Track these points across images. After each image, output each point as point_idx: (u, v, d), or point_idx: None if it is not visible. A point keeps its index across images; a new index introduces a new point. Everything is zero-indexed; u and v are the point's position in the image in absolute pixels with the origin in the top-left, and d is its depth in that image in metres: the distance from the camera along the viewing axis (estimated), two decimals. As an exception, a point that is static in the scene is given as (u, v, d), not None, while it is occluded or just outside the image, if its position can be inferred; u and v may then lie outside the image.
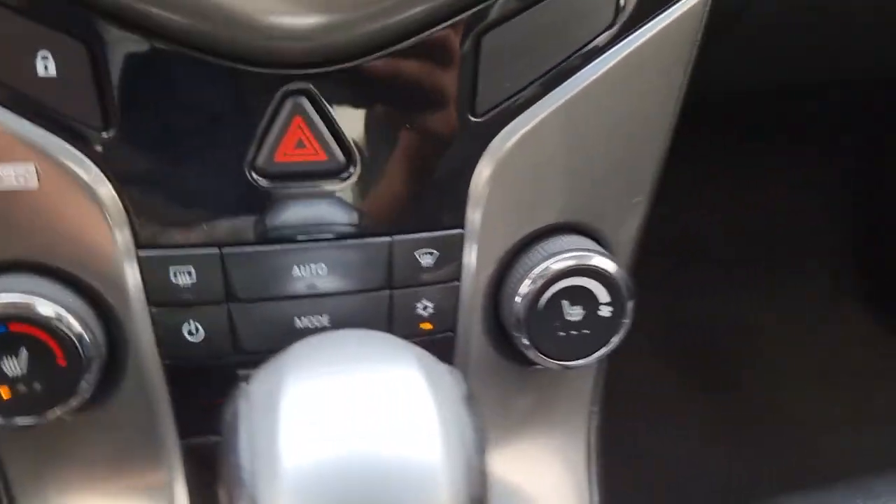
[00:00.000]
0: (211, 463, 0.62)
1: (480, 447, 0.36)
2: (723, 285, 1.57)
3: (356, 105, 0.50)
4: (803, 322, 1.58)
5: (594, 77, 0.54)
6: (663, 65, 0.56)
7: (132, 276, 0.51)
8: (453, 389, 0.38)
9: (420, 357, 0.38)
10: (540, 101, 0.54)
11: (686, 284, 1.53)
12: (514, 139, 0.54)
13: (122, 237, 0.50)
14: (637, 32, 0.54)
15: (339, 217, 0.53)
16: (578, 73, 0.54)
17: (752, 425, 1.47)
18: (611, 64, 0.54)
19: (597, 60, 0.54)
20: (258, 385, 0.36)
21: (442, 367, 0.39)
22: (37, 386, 0.49)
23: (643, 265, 0.63)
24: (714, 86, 0.72)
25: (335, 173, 0.51)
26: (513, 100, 0.53)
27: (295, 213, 0.52)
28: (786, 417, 1.49)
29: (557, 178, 0.56)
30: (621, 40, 0.54)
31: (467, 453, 0.35)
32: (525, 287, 0.56)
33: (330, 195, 0.52)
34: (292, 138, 0.50)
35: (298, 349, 0.38)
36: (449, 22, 0.50)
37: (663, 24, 0.55)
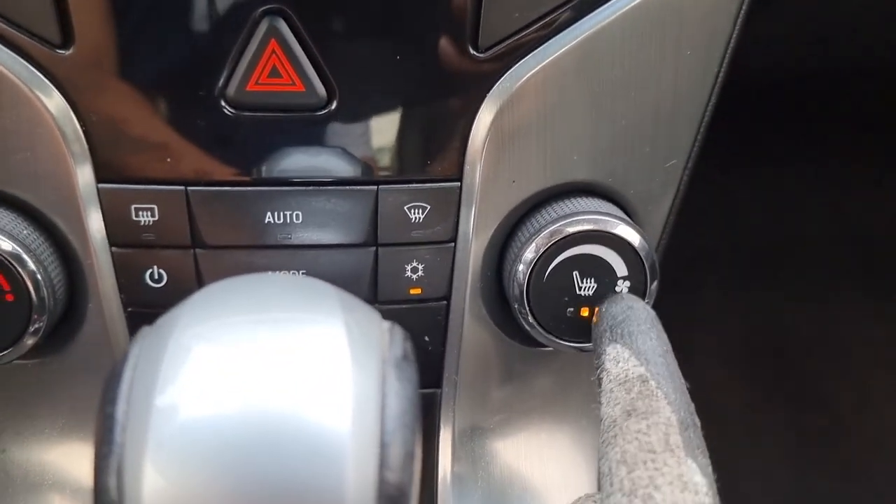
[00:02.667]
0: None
1: (407, 421, 0.29)
2: (814, 292, 1.44)
3: (340, 30, 0.45)
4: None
5: (621, 12, 0.47)
6: (707, 8, 0.48)
7: (92, 212, 0.47)
8: (385, 349, 0.31)
9: (347, 308, 0.32)
10: (556, 38, 0.47)
11: (770, 285, 1.41)
12: (522, 80, 0.47)
13: (83, 169, 0.46)
14: None
15: (318, 159, 0.47)
16: (602, 7, 0.47)
17: (831, 447, 1.34)
18: None
19: None
20: (153, 331, 0.31)
21: (375, 323, 0.33)
22: (-16, 322, 0.46)
23: (728, 260, 0.55)
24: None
25: (313, 107, 0.46)
26: (523, 34, 0.46)
27: (269, 152, 0.47)
28: (871, 441, 1.35)
29: (573, 129, 0.49)
30: None
31: (385, 426, 0.28)
32: (530, 252, 0.49)
33: (308, 133, 0.46)
34: (266, 65, 0.45)
35: (211, 290, 0.33)
36: None
37: None
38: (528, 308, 0.49)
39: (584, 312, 0.49)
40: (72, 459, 0.54)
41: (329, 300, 0.32)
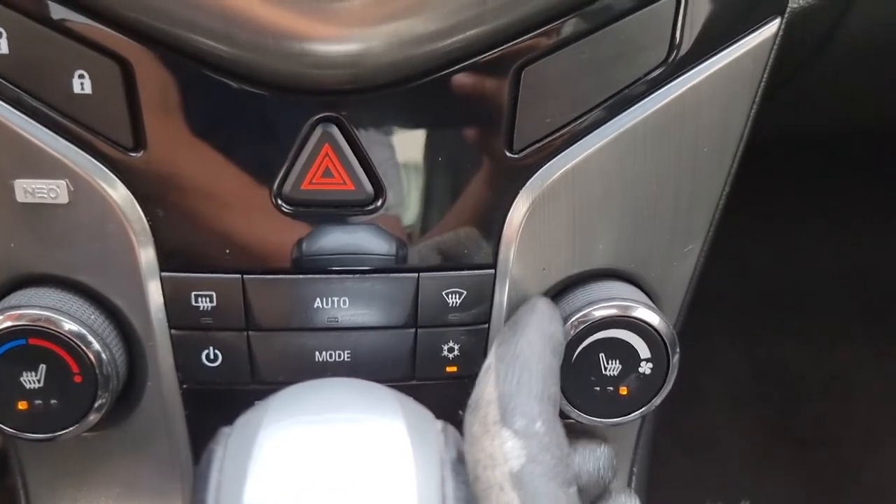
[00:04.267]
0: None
1: None
2: (819, 334, 1.47)
3: (387, 135, 0.49)
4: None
5: (644, 115, 0.51)
6: (723, 106, 0.52)
7: (155, 297, 0.51)
8: (442, 451, 0.34)
9: (408, 413, 0.35)
10: (583, 139, 0.50)
11: (777, 330, 1.44)
12: (553, 177, 0.51)
13: (147, 258, 0.50)
14: (694, 70, 0.51)
15: (365, 250, 0.51)
16: (628, 111, 0.51)
17: (838, 488, 1.36)
18: (663, 102, 0.51)
19: (648, 98, 0.51)
20: (236, 431, 0.35)
21: (432, 426, 0.36)
22: (53, 401, 0.49)
23: (732, 306, 0.58)
24: (785, 127, 0.67)
25: (362, 204, 0.50)
26: (553, 136, 0.50)
27: (319, 244, 0.50)
28: (877, 482, 1.37)
29: (600, 221, 0.53)
30: (676, 78, 0.51)
31: None
32: (559, 335, 0.52)
33: (356, 227, 0.50)
34: (320, 166, 0.48)
35: (283, 395, 0.36)
36: (487, 54, 0.47)
37: (724, 63, 0.51)
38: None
39: (623, 391, 0.53)
40: None
41: (390, 403, 0.36)
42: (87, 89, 0.46)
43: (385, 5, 0.43)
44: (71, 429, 0.50)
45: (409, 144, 0.49)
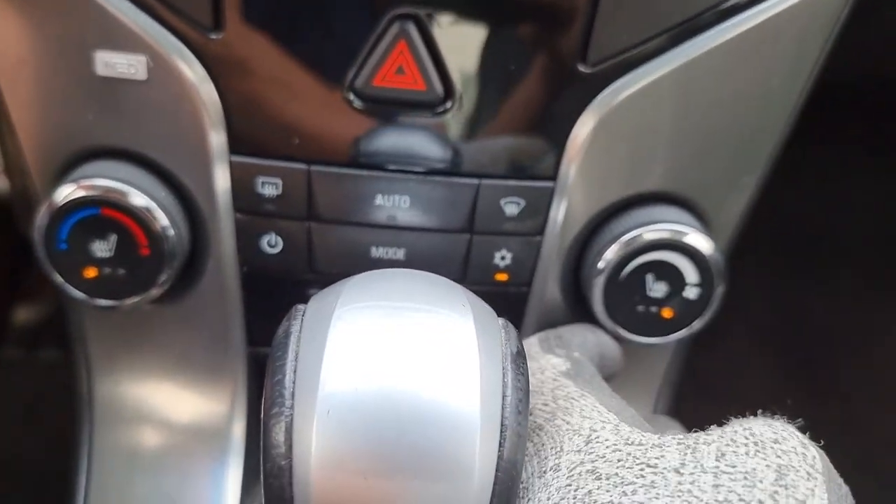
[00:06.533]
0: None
1: (520, 408, 0.34)
2: (846, 286, 1.47)
3: (463, 38, 0.49)
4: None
5: (722, 40, 0.50)
6: (800, 37, 0.52)
7: (222, 179, 0.52)
8: (503, 345, 0.36)
9: (476, 308, 0.37)
10: (657, 59, 0.50)
11: (805, 276, 1.44)
12: (622, 96, 0.51)
13: (218, 139, 0.51)
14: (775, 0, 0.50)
15: (429, 151, 0.52)
16: (705, 34, 0.50)
17: (856, 441, 1.39)
18: (740, 30, 0.50)
19: (725, 24, 0.50)
20: (313, 309, 0.36)
21: (495, 321, 0.38)
22: (120, 271, 0.51)
23: (758, 247, 0.59)
24: (852, 68, 0.66)
25: (431, 105, 0.50)
26: (628, 54, 0.50)
27: (386, 141, 0.51)
28: (884, 437, 1.39)
29: (663, 144, 0.53)
30: (756, 5, 0.50)
31: (505, 412, 0.34)
32: (610, 253, 0.54)
33: (423, 127, 0.51)
34: (394, 63, 0.49)
35: (359, 280, 0.38)
36: None
37: None
38: (602, 303, 0.54)
39: (666, 314, 0.54)
40: (176, 398, 0.61)
41: (460, 297, 0.37)
42: None
43: None
44: (135, 298, 0.52)
45: (483, 49, 0.49)
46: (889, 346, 1.46)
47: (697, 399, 0.67)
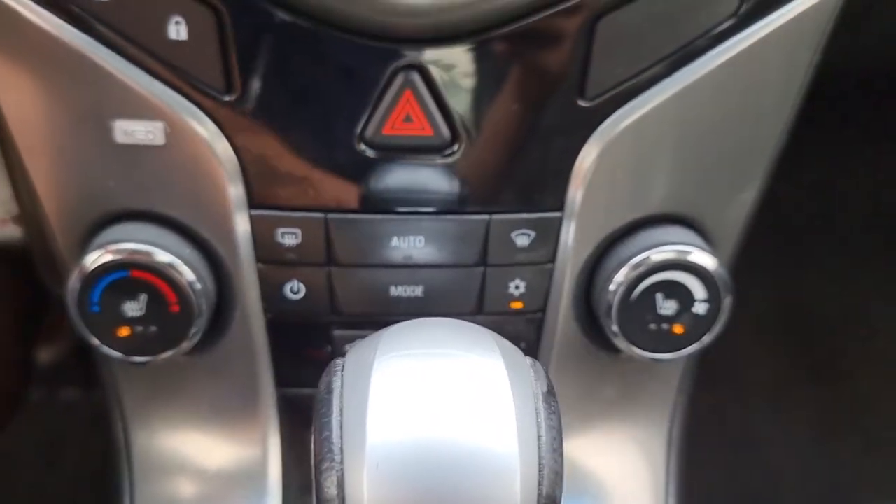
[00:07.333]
0: (303, 412, 0.65)
1: (556, 446, 0.37)
2: (845, 267, 1.50)
3: (465, 83, 0.51)
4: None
5: (712, 67, 0.52)
6: (788, 57, 0.54)
7: (243, 233, 0.54)
8: (534, 385, 0.38)
9: (504, 350, 0.39)
10: (652, 89, 0.52)
11: (803, 263, 1.47)
12: (622, 125, 0.53)
13: (237, 196, 0.53)
14: (762, 22, 0.52)
15: (440, 192, 0.54)
16: (696, 62, 0.52)
17: (860, 420, 1.41)
18: (731, 54, 0.52)
19: (716, 50, 0.52)
20: (352, 362, 0.38)
21: (524, 361, 0.40)
22: (152, 328, 0.53)
23: (757, 238, 0.61)
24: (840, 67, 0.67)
25: (440, 149, 0.52)
26: (625, 85, 0.52)
27: (398, 185, 0.53)
28: (891, 415, 1.42)
29: (664, 169, 0.55)
30: (744, 29, 0.52)
31: (542, 452, 0.36)
32: (620, 276, 0.56)
33: (433, 170, 0.53)
34: (401, 112, 0.51)
35: (391, 332, 0.40)
36: (564, 4, 0.49)
37: (791, 15, 0.52)
38: (616, 323, 0.57)
39: (677, 329, 0.56)
40: (212, 445, 0.63)
41: (488, 342, 0.39)
42: (183, 35, 0.49)
43: None
44: (168, 353, 0.54)
45: (486, 92, 0.51)
46: (887, 326, 1.49)
47: (700, 386, 0.69)
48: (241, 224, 0.54)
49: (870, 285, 1.49)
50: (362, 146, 0.52)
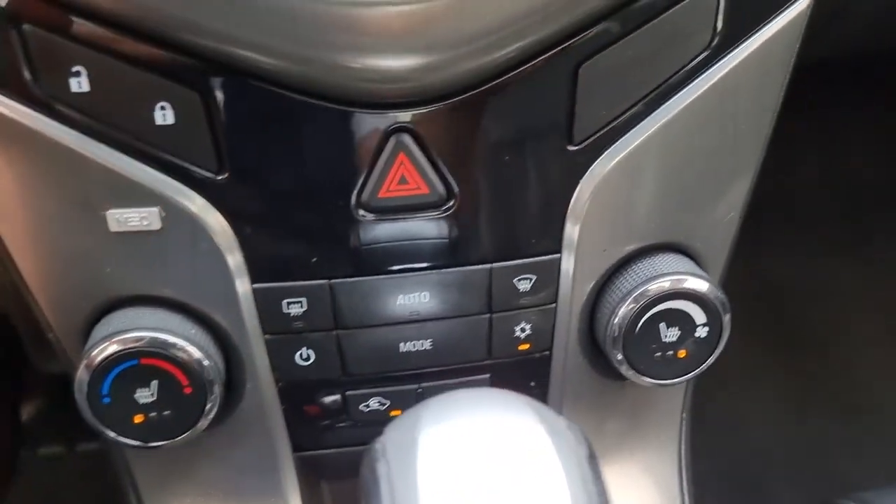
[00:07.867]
0: (321, 473, 0.65)
1: None
2: (805, 245, 1.54)
3: (456, 140, 0.51)
4: (889, 286, 1.54)
5: (690, 99, 0.54)
6: (760, 82, 0.56)
7: (248, 308, 0.54)
8: (578, 450, 0.39)
9: (543, 417, 0.39)
10: (637, 126, 0.54)
11: (765, 242, 1.50)
12: (610, 165, 0.54)
13: (238, 271, 0.53)
14: (735, 50, 0.54)
15: (441, 247, 0.54)
16: (675, 96, 0.54)
17: (825, 388, 1.45)
18: (708, 84, 0.54)
19: (694, 82, 0.54)
20: (393, 445, 0.39)
21: (563, 424, 0.40)
22: (166, 412, 0.53)
23: None
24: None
25: (436, 206, 0.53)
26: (609, 127, 0.53)
27: (399, 245, 0.54)
28: (868, 380, 1.46)
29: (653, 201, 0.57)
30: (718, 61, 0.53)
31: None
32: (622, 310, 0.57)
33: (432, 226, 0.53)
34: (396, 174, 0.51)
35: (426, 409, 0.40)
36: (545, 55, 0.50)
37: (761, 42, 0.54)
38: (623, 354, 0.58)
39: (681, 354, 0.58)
40: None
41: (530, 413, 0.40)
42: (170, 119, 0.48)
43: (444, 29, 0.46)
44: (185, 435, 0.54)
45: (477, 146, 0.52)
46: (853, 296, 1.53)
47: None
48: (245, 299, 0.54)
49: (832, 260, 1.54)
50: (361, 212, 0.52)
